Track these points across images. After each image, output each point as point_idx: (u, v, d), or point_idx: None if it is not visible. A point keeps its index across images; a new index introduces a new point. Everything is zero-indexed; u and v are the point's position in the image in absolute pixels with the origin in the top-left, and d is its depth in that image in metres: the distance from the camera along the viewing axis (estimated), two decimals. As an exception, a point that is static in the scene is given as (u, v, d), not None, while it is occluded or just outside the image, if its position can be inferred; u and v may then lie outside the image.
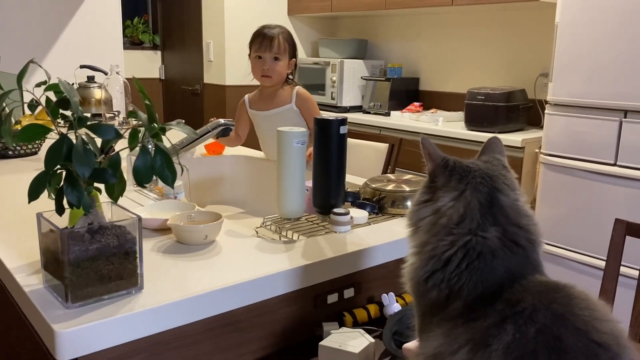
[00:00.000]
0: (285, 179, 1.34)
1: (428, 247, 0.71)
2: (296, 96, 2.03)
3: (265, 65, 1.99)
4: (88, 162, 0.77)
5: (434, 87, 3.86)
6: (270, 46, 1.98)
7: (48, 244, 0.89)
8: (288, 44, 2.01)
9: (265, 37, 1.98)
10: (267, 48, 1.98)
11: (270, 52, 1.98)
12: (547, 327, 0.58)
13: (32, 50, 3.28)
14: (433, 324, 0.69)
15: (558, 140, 2.46)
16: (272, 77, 2.00)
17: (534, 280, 0.66)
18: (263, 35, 1.99)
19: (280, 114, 2.03)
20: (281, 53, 1.99)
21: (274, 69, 1.99)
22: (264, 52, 1.98)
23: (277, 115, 2.03)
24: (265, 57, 1.99)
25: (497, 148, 0.78)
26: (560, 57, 2.41)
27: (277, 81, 2.02)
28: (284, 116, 2.02)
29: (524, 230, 0.70)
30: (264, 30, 2.01)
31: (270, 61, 1.99)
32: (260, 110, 2.06)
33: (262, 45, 1.99)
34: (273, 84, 2.02)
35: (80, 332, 0.80)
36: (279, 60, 1.99)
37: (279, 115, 2.03)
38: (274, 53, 1.98)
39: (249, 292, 0.99)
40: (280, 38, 1.99)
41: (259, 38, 2.00)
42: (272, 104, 2.04)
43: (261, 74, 2.01)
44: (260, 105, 2.06)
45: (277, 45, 1.98)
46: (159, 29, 4.96)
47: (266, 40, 1.98)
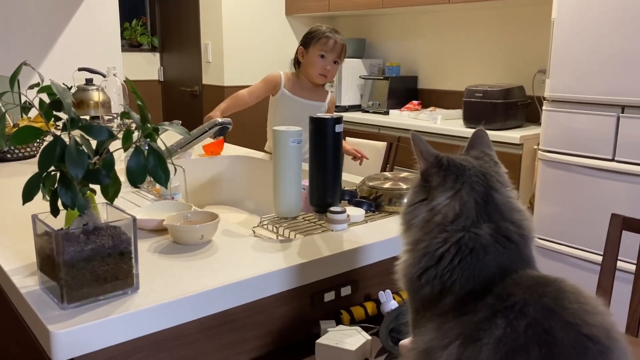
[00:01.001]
0: (282, 178, 1.34)
1: (421, 244, 0.71)
2: (329, 98, 2.26)
3: (328, 66, 2.14)
4: (81, 163, 0.77)
5: (433, 85, 3.86)
6: (339, 52, 2.15)
7: (43, 245, 0.90)
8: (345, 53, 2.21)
9: (337, 42, 2.14)
10: (334, 51, 2.13)
11: (335, 56, 2.14)
12: (537, 321, 0.59)
13: (31, 53, 3.29)
14: (425, 319, 0.69)
15: (556, 137, 2.46)
16: (328, 77, 2.18)
17: (525, 275, 0.66)
18: (333, 39, 2.14)
19: (315, 106, 2.20)
20: (341, 60, 2.18)
21: (332, 72, 2.17)
22: (330, 53, 2.13)
23: (312, 106, 2.19)
24: (328, 58, 2.13)
25: (484, 141, 0.78)
26: (557, 53, 2.41)
27: (328, 82, 2.23)
28: (316, 109, 2.20)
29: (517, 225, 0.70)
30: (332, 34, 2.15)
31: (331, 64, 2.15)
32: (299, 96, 2.19)
33: (330, 47, 2.12)
34: (325, 82, 2.21)
35: (76, 332, 0.80)
36: (337, 64, 2.18)
37: (313, 107, 2.19)
38: (337, 58, 2.15)
39: (246, 291, 1.00)
40: (345, 46, 2.18)
41: (327, 40, 2.13)
42: (311, 96, 2.21)
43: (320, 72, 2.15)
44: (299, 91, 2.20)
45: (343, 52, 2.17)
46: (158, 31, 4.97)
47: (337, 45, 2.14)
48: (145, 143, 0.80)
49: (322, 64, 2.12)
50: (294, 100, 2.17)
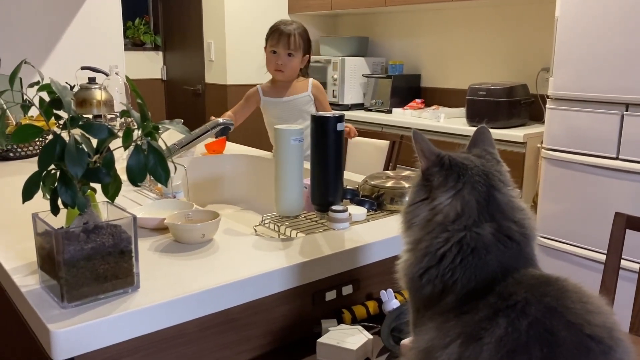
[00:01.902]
0: (283, 177, 1.33)
1: (422, 244, 0.70)
2: (312, 85, 2.18)
3: (280, 60, 2.09)
4: (80, 161, 0.77)
5: (436, 84, 3.85)
6: (287, 42, 2.07)
7: (43, 244, 0.90)
8: (303, 40, 2.11)
9: (282, 33, 2.08)
10: (282, 44, 2.07)
11: (285, 48, 2.07)
12: (539, 321, 0.58)
13: (34, 52, 3.29)
14: (425, 319, 0.69)
15: (559, 135, 2.45)
16: (285, 72, 2.11)
17: (527, 274, 0.66)
18: (279, 31, 2.09)
19: (297, 99, 2.15)
20: (295, 50, 2.08)
21: (287, 65, 2.10)
22: (279, 47, 2.08)
23: (295, 101, 2.15)
24: (279, 52, 2.08)
25: (486, 139, 0.77)
26: (561, 51, 2.40)
27: (289, 76, 2.14)
28: (301, 102, 2.16)
29: (519, 225, 0.69)
30: (281, 26, 2.10)
31: (285, 57, 2.09)
32: (276, 97, 2.16)
33: (278, 41, 2.08)
34: (285, 78, 2.14)
35: (76, 331, 0.80)
36: (293, 56, 2.09)
37: (296, 101, 2.15)
38: (288, 49, 2.07)
39: (246, 290, 0.99)
40: (296, 35, 2.08)
41: (275, 33, 2.10)
42: (291, 92, 2.16)
43: (275, 68, 2.11)
44: (276, 93, 2.17)
45: (293, 42, 2.07)
46: (160, 30, 4.97)
47: (282, 37, 2.07)
48: (146, 142, 0.80)
49: (274, 59, 2.10)
50: (276, 102, 2.16)
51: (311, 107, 2.18)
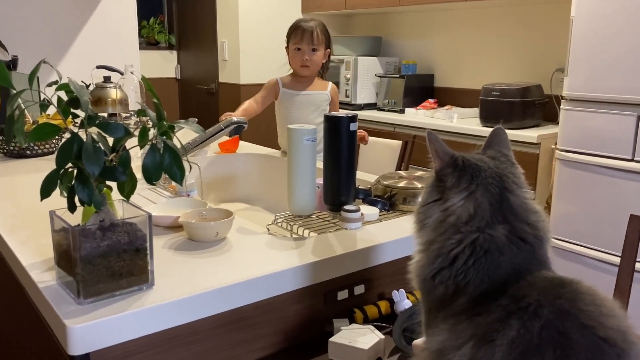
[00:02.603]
0: (296, 176, 1.34)
1: (435, 245, 0.71)
2: (331, 88, 2.28)
3: (305, 56, 2.16)
4: (97, 160, 0.78)
5: (449, 84, 3.83)
6: (310, 39, 2.14)
7: (60, 241, 0.91)
8: (324, 34, 2.19)
9: (304, 30, 2.15)
10: (305, 40, 2.14)
11: (308, 45, 2.14)
12: (552, 323, 0.58)
13: (50, 51, 3.33)
14: (438, 320, 0.69)
15: (574, 136, 2.43)
16: (310, 67, 2.18)
17: (540, 276, 0.66)
18: (302, 28, 2.15)
19: (316, 95, 2.23)
20: (319, 44, 2.16)
21: (312, 59, 2.17)
22: (302, 44, 2.15)
23: (313, 96, 2.23)
24: (304, 48, 2.15)
25: (502, 140, 0.77)
26: (576, 51, 2.38)
27: (314, 71, 2.21)
28: (319, 98, 2.23)
29: (532, 227, 0.69)
30: (301, 23, 2.17)
31: (309, 52, 2.16)
32: (298, 90, 2.22)
33: (301, 38, 2.15)
34: (311, 73, 2.21)
35: (92, 327, 0.81)
36: (317, 51, 2.17)
37: (315, 96, 2.23)
38: (312, 45, 2.14)
39: (259, 289, 1.00)
40: (318, 30, 2.16)
41: (297, 31, 2.16)
42: (308, 87, 2.23)
43: (300, 64, 2.17)
44: (296, 86, 2.23)
45: (316, 37, 2.15)
46: (175, 29, 5.00)
47: (305, 33, 2.14)
48: (161, 140, 0.81)
49: (299, 55, 2.16)
50: (294, 94, 2.21)
51: (327, 107, 2.25)
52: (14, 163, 1.91)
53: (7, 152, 2.01)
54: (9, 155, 2.02)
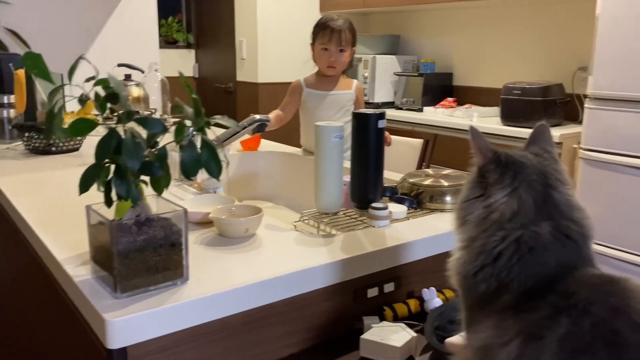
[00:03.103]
0: (323, 174, 1.34)
1: (477, 242, 0.70)
2: (355, 86, 2.22)
3: (332, 57, 2.10)
4: (137, 155, 0.78)
5: (468, 82, 3.81)
6: (338, 40, 2.08)
7: (97, 235, 0.92)
8: (352, 34, 2.12)
9: (333, 31, 2.08)
10: (334, 41, 2.08)
11: (336, 45, 2.08)
12: (603, 320, 0.57)
13: (72, 49, 3.36)
14: (481, 317, 0.68)
15: (598, 135, 2.40)
16: (337, 67, 2.13)
17: (587, 273, 0.65)
18: (330, 28, 2.08)
19: (340, 95, 2.18)
20: (346, 45, 2.10)
21: (339, 60, 2.11)
22: (330, 44, 2.08)
23: (338, 96, 2.18)
24: (331, 49, 2.09)
25: (545, 137, 0.76)
26: (601, 49, 2.35)
27: (340, 71, 2.16)
28: (344, 98, 2.19)
29: (577, 224, 0.68)
30: (330, 22, 2.10)
31: (336, 53, 2.10)
32: (321, 90, 2.17)
33: (330, 38, 2.08)
34: (336, 73, 2.16)
35: (130, 321, 0.82)
36: (344, 51, 2.10)
37: (340, 96, 2.18)
38: (340, 46, 2.08)
39: (290, 285, 1.00)
40: (346, 31, 2.09)
41: (326, 30, 2.09)
42: (333, 87, 2.18)
43: (327, 65, 2.12)
44: (321, 86, 2.18)
45: (344, 39, 2.09)
46: (193, 28, 5.02)
47: (334, 34, 2.08)
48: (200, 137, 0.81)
49: (327, 56, 2.10)
50: (319, 94, 2.17)
51: (351, 106, 2.20)
52: (39, 159, 1.93)
53: (33, 148, 2.04)
54: (34, 152, 2.04)
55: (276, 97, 4.04)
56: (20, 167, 1.79)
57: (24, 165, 1.83)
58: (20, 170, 1.76)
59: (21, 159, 1.94)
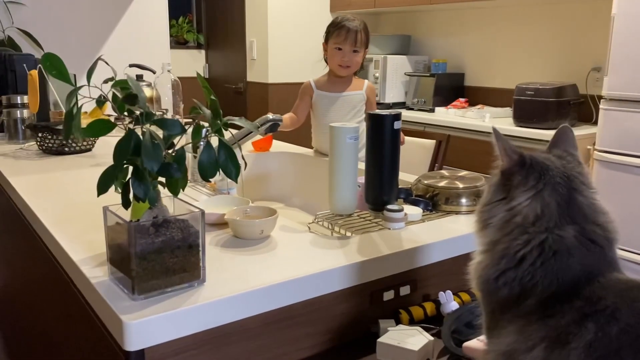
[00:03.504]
0: (338, 175, 1.33)
1: (500, 245, 0.69)
2: (367, 86, 2.19)
3: (345, 57, 2.08)
4: (156, 156, 0.78)
5: (480, 83, 3.79)
6: (354, 40, 2.06)
7: (114, 237, 0.91)
8: (366, 36, 2.11)
9: (349, 31, 2.06)
10: (349, 41, 2.06)
11: (351, 45, 2.07)
12: (631, 327, 0.56)
13: (84, 50, 3.38)
14: (504, 321, 0.67)
15: (614, 137, 2.38)
16: (350, 67, 2.11)
17: (614, 278, 0.64)
18: (346, 28, 2.07)
19: (352, 96, 2.16)
20: (360, 46, 2.08)
21: (352, 60, 2.09)
22: (345, 44, 2.07)
23: (349, 97, 2.16)
24: (345, 49, 2.07)
25: (568, 139, 0.75)
26: (617, 50, 2.33)
27: (352, 71, 2.15)
28: (355, 99, 2.17)
29: (602, 228, 0.67)
30: (345, 22, 2.08)
31: (350, 53, 2.08)
32: (332, 92, 2.16)
33: (345, 38, 2.07)
34: (349, 73, 2.14)
35: (148, 323, 0.82)
36: (358, 52, 2.09)
37: (351, 97, 2.16)
38: (354, 46, 2.07)
39: (306, 288, 0.99)
40: (361, 31, 2.08)
41: (341, 31, 2.08)
42: (344, 88, 2.16)
43: (339, 64, 2.10)
44: (332, 88, 2.16)
45: (359, 39, 2.07)
46: (203, 28, 5.03)
47: (350, 34, 2.06)
48: (218, 138, 0.81)
49: (340, 55, 2.08)
50: (330, 96, 2.15)
51: (363, 107, 2.18)
52: (53, 160, 1.94)
53: (46, 148, 2.05)
54: (48, 152, 2.05)
55: (286, 97, 4.05)
56: (34, 168, 1.80)
57: (37, 165, 1.84)
58: (34, 170, 1.76)
59: (35, 159, 1.95)
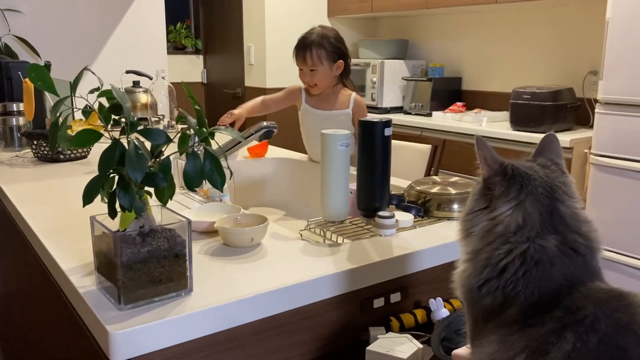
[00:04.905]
0: (329, 182, 1.33)
1: (483, 254, 0.69)
2: (354, 103, 2.05)
3: (306, 78, 2.00)
4: (140, 166, 0.78)
5: (477, 87, 3.79)
6: (303, 59, 1.96)
7: (101, 246, 0.91)
8: (325, 50, 1.95)
9: (299, 49, 1.97)
10: (300, 60, 1.97)
11: (306, 65, 1.96)
12: (610, 337, 0.56)
13: (81, 56, 3.39)
14: (487, 330, 0.67)
15: (609, 140, 2.37)
16: (317, 86, 2.00)
17: (594, 288, 0.63)
18: (297, 46, 1.98)
19: (337, 116, 2.05)
20: (316, 64, 1.95)
21: (313, 81, 1.99)
22: (302, 65, 1.98)
23: (334, 117, 2.05)
24: (304, 69, 1.99)
25: (553, 148, 0.75)
26: (612, 54, 2.33)
27: (322, 88, 2.02)
28: (340, 119, 2.05)
29: (584, 237, 0.67)
30: (300, 40, 1.98)
31: (309, 73, 1.98)
32: (318, 108, 2.07)
33: (299, 58, 1.97)
34: (319, 91, 2.03)
35: (134, 333, 0.81)
36: (317, 71, 1.96)
37: (335, 117, 2.05)
38: (309, 66, 1.96)
39: (296, 296, 0.99)
40: (313, 48, 1.93)
41: (297, 50, 1.99)
42: (330, 106, 2.06)
43: (305, 85, 2.03)
44: (318, 103, 2.07)
45: (310, 58, 1.94)
46: (201, 34, 5.05)
47: (299, 53, 1.97)
48: (203, 147, 0.81)
49: (302, 76, 2.00)
50: (316, 113, 2.07)
51: (350, 122, 2.07)
52: (48, 167, 1.94)
53: (41, 156, 2.05)
54: (43, 159, 2.05)
55: (284, 102, 4.05)
56: (28, 175, 1.80)
57: (32, 173, 1.85)
58: (28, 178, 1.77)
59: (30, 166, 1.96)
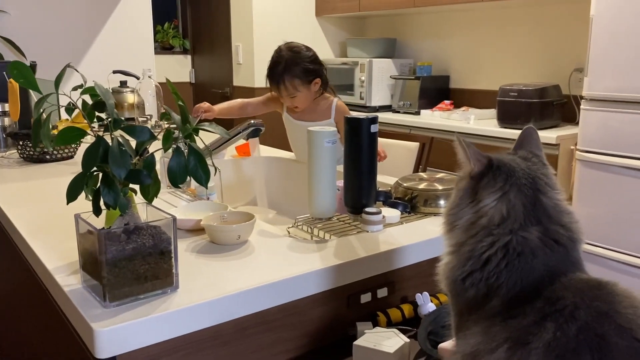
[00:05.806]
0: (316, 179, 1.33)
1: (466, 247, 0.70)
2: (335, 111, 2.04)
3: (287, 103, 2.02)
4: (124, 163, 0.78)
5: (465, 85, 3.81)
6: (279, 91, 1.97)
7: (86, 244, 0.91)
8: (298, 78, 1.94)
9: (271, 82, 1.97)
10: (277, 92, 1.98)
11: (282, 96, 1.99)
12: (589, 325, 0.57)
13: (67, 57, 3.37)
14: (470, 322, 0.68)
15: (595, 137, 2.40)
16: (299, 107, 2.02)
17: (575, 278, 0.64)
18: (269, 77, 1.98)
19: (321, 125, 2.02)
20: (291, 93, 1.96)
21: (294, 104, 2.01)
22: (277, 94, 2.00)
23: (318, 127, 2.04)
24: (282, 97, 2.00)
25: (533, 140, 0.76)
26: (596, 51, 2.35)
27: (305, 107, 2.03)
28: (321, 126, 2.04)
29: (566, 228, 0.68)
30: (269, 72, 1.97)
31: (288, 100, 2.00)
32: (299, 120, 2.07)
33: (272, 88, 1.98)
34: (304, 109, 2.04)
35: (119, 330, 0.81)
36: (296, 96, 1.97)
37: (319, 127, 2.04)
38: (286, 95, 1.98)
39: (282, 292, 0.99)
40: (286, 81, 1.93)
41: (269, 80, 1.98)
42: (311, 117, 2.05)
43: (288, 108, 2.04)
44: (300, 115, 2.07)
45: (284, 90, 1.95)
46: (189, 34, 5.03)
47: (272, 85, 1.97)
48: (187, 144, 0.81)
49: (281, 99, 2.01)
50: (295, 124, 2.08)
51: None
52: (34, 167, 1.93)
53: (27, 156, 2.03)
54: (29, 160, 2.04)
55: (273, 101, 4.05)
56: (14, 176, 1.79)
57: (18, 173, 1.83)
58: (14, 178, 1.75)
59: (15, 167, 1.94)
